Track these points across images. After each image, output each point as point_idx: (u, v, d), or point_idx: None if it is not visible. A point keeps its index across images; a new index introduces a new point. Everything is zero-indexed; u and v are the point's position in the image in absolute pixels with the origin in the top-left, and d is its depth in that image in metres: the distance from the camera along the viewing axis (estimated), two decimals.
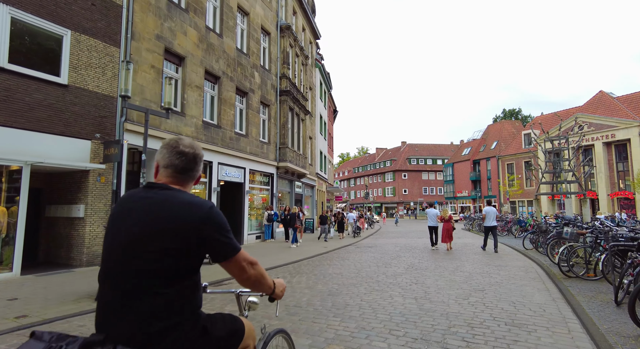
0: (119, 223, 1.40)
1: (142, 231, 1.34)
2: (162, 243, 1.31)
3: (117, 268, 1.33)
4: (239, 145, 15.46)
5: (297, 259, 11.12)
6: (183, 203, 1.39)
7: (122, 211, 1.43)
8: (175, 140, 1.54)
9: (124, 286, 1.30)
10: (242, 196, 15.68)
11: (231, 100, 15.11)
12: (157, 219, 1.35)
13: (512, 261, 10.42)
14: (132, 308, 1.27)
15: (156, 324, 1.27)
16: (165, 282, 1.30)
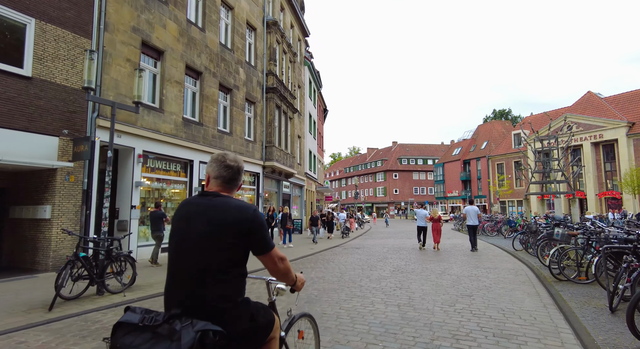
0: (184, 224, 1.76)
1: (205, 230, 1.69)
2: (221, 239, 1.68)
3: (187, 260, 1.68)
4: (222, 143, 14.94)
5: (294, 258, 10.66)
6: (234, 207, 1.75)
7: (185, 214, 1.79)
8: (222, 155, 1.90)
9: (194, 274, 1.66)
10: None
11: (214, 96, 14.58)
12: (215, 220, 1.70)
13: (502, 263, 10.10)
14: (200, 291, 1.64)
15: (218, 304, 1.65)
16: (224, 271, 1.68)
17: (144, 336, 1.50)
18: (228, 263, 1.71)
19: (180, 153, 12.71)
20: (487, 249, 13.72)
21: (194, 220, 1.74)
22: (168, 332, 1.49)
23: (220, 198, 1.79)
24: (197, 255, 1.69)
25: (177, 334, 1.46)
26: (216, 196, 1.80)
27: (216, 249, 1.69)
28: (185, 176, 13.24)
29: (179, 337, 1.45)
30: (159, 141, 11.71)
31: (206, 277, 1.67)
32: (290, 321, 2.40)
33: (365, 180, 78.55)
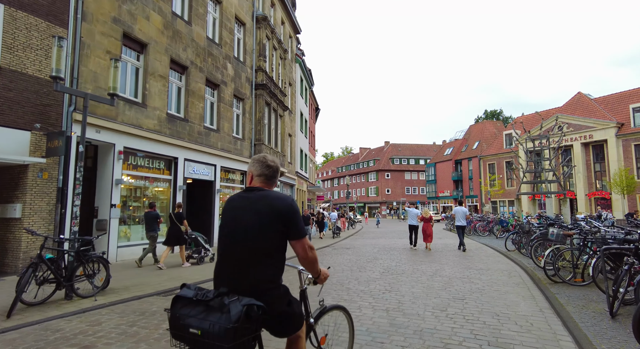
0: (233, 216, 2.05)
1: (253, 220, 1.97)
2: (267, 226, 1.96)
3: (237, 246, 1.98)
4: (208, 140, 14.49)
5: None
6: (275, 198, 2.04)
7: (234, 207, 2.08)
8: (263, 157, 2.20)
9: (241, 258, 1.96)
10: (212, 196, 14.72)
11: (200, 92, 14.13)
12: (262, 211, 1.98)
13: (495, 263, 9.85)
14: (245, 273, 1.94)
15: (261, 285, 1.93)
16: (267, 255, 1.97)
17: (198, 308, 1.75)
18: (271, 249, 1.96)
19: (164, 150, 12.24)
20: (479, 249, 13.49)
21: (243, 212, 2.01)
22: (219, 305, 1.73)
23: (263, 192, 2.07)
24: (245, 241, 1.95)
25: (227, 308, 1.69)
26: (260, 191, 2.08)
27: (262, 236, 1.94)
28: (170, 174, 12.77)
29: (228, 310, 1.68)
30: (141, 137, 11.24)
31: (251, 261, 1.93)
32: (322, 311, 2.56)
33: (357, 179, 78.34)
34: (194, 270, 9.07)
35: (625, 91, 35.24)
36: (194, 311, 1.76)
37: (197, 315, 1.74)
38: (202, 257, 10.41)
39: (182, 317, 1.76)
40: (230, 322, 1.65)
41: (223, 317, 1.68)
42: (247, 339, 1.76)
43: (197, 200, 14.70)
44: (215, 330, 1.66)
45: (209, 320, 1.69)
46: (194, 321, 1.72)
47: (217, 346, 1.66)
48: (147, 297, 6.30)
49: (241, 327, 1.68)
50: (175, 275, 8.31)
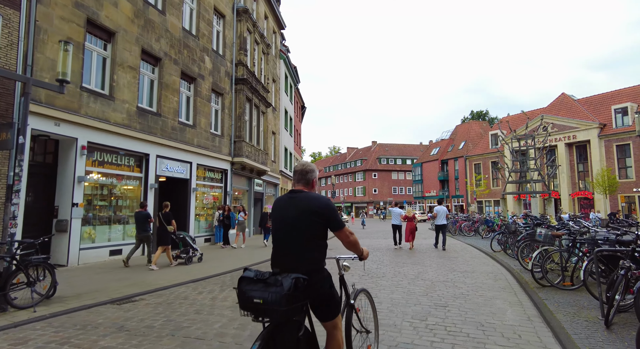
0: (283, 213, 2.52)
1: (299, 214, 2.44)
2: (310, 219, 2.42)
3: (288, 235, 2.46)
4: (183, 136, 13.77)
5: (241, 266, 9.66)
6: (315, 198, 2.50)
7: (282, 206, 2.56)
8: (302, 164, 2.69)
9: (291, 245, 2.44)
10: (187, 194, 14.00)
11: (175, 85, 13.41)
12: (306, 207, 2.44)
13: (480, 265, 9.44)
14: (295, 257, 2.41)
15: (307, 267, 2.36)
16: (311, 242, 2.43)
17: (258, 285, 2.19)
18: (314, 237, 2.43)
19: (134, 146, 11.51)
20: (464, 250, 13.12)
21: (291, 209, 2.47)
22: (274, 281, 2.17)
23: (304, 193, 2.54)
24: (294, 231, 2.43)
25: (280, 282, 2.15)
26: (302, 193, 2.55)
27: (306, 227, 2.41)
28: (140, 172, 12.03)
29: (281, 283, 2.14)
30: (108, 132, 10.49)
31: (299, 247, 2.42)
32: (356, 294, 3.11)
33: (344, 179, 78.02)
34: (169, 271, 8.40)
35: (607, 92, 35.65)
36: (255, 287, 2.17)
37: (258, 290, 2.14)
38: (190, 257, 10.11)
39: (247, 291, 2.17)
40: (283, 290, 2.09)
41: (278, 289, 2.11)
42: (297, 307, 2.19)
43: (171, 199, 13.89)
44: (272, 298, 2.09)
45: (268, 291, 2.11)
46: (256, 293, 2.13)
47: (275, 310, 2.09)
48: (98, 306, 5.64)
49: (292, 295, 2.11)
50: (139, 280, 7.64)
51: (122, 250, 11.03)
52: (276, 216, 2.58)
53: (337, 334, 2.49)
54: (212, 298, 6.15)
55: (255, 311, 2.17)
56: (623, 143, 30.93)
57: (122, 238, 11.30)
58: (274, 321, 2.18)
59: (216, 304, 5.67)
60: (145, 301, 6.00)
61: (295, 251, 2.42)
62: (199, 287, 7.10)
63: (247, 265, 9.89)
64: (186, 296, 6.28)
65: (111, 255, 10.69)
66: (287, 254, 2.46)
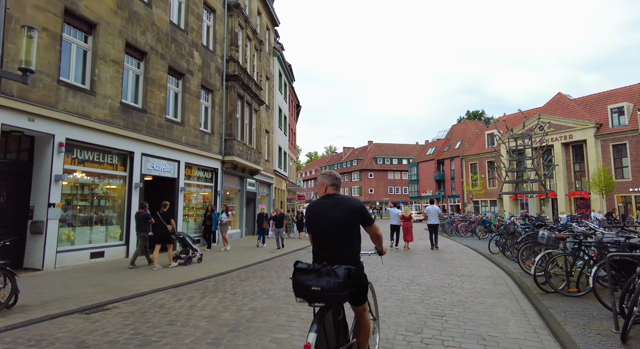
0: (328, 213, 2.84)
1: (345, 214, 2.80)
2: (352, 217, 2.81)
3: (328, 234, 2.80)
4: (171, 134, 13.26)
5: (228, 269, 9.19)
6: (352, 200, 2.92)
7: (322, 209, 2.90)
8: (331, 172, 3.11)
9: (334, 242, 2.77)
10: (175, 194, 13.48)
11: (162, 80, 12.88)
12: (340, 209, 2.83)
13: (478, 268, 9.02)
14: (338, 251, 2.75)
15: (348, 260, 2.70)
16: (349, 239, 2.80)
17: (311, 275, 2.53)
18: (351, 234, 2.84)
19: (118, 144, 10.99)
20: (461, 252, 12.72)
21: (331, 211, 2.85)
22: (326, 272, 2.52)
23: (337, 197, 2.96)
24: (340, 228, 2.80)
25: (333, 271, 2.49)
26: (335, 196, 2.96)
27: (346, 226, 2.81)
28: (124, 171, 11.51)
29: (335, 273, 2.48)
30: (89, 128, 9.97)
31: (340, 243, 2.79)
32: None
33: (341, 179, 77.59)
34: (153, 274, 7.90)
35: (603, 92, 35.50)
36: (309, 277, 2.53)
37: (312, 279, 2.51)
38: (190, 258, 10.06)
39: (303, 281, 2.53)
40: (339, 279, 2.47)
41: (332, 278, 2.48)
42: (348, 293, 2.55)
43: (157, 199, 13.38)
44: (330, 286, 2.46)
45: (325, 280, 2.48)
46: (313, 282, 2.49)
47: (333, 295, 2.47)
48: (63, 316, 5.15)
49: (346, 282, 2.48)
50: (117, 285, 7.15)
51: (104, 253, 10.52)
52: (317, 218, 2.90)
53: (366, 316, 2.95)
54: (190, 306, 5.67)
55: (311, 298, 2.53)
56: (619, 143, 30.75)
57: (104, 240, 10.78)
58: (329, 305, 2.57)
59: (193, 314, 5.19)
60: (118, 309, 5.52)
61: (340, 245, 2.79)
62: (179, 293, 6.62)
63: (236, 268, 9.41)
64: (163, 304, 5.80)
65: (93, 257, 10.16)
66: (331, 249, 2.79)
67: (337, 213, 2.81)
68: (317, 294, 2.47)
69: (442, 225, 22.35)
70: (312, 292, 2.47)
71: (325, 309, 2.54)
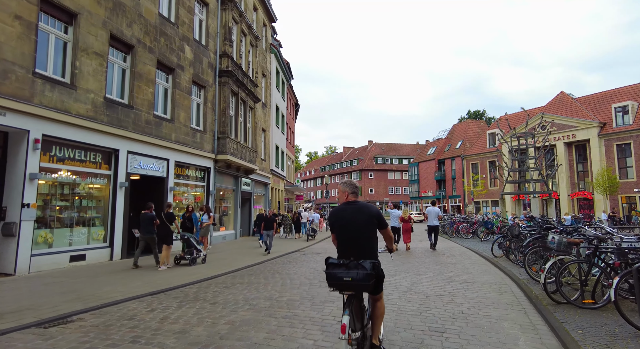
0: (351, 217, 3.34)
1: (358, 219, 3.31)
2: (371, 221, 3.32)
3: (352, 234, 3.30)
4: (159, 131, 12.69)
5: (214, 274, 8.63)
6: (371, 206, 3.44)
7: (346, 213, 3.39)
8: (351, 181, 3.63)
9: (358, 241, 3.28)
10: (164, 194, 12.92)
11: (150, 75, 12.33)
12: (361, 214, 3.34)
13: (481, 274, 8.44)
14: (361, 249, 3.25)
15: (369, 255, 3.20)
16: (370, 239, 3.31)
17: (342, 268, 3.03)
18: (372, 235, 3.36)
19: (101, 141, 10.43)
20: (463, 255, 12.14)
21: (358, 215, 3.36)
22: (354, 265, 3.02)
23: (358, 203, 3.48)
24: (362, 230, 3.33)
25: (361, 265, 2.99)
26: (356, 203, 3.48)
27: (368, 227, 3.35)
28: (109, 169, 10.95)
29: (363, 266, 2.99)
30: (69, 124, 9.41)
31: (363, 242, 3.32)
32: None
33: (340, 179, 77.11)
34: (143, 278, 7.34)
35: (607, 91, 34.88)
36: (340, 269, 3.05)
37: (341, 272, 3.01)
38: (195, 258, 10.13)
39: (335, 273, 3.04)
40: (367, 271, 2.99)
41: (361, 270, 2.99)
42: (374, 282, 3.08)
43: (145, 199, 12.84)
44: (360, 276, 2.97)
45: (354, 272, 2.98)
46: (344, 274, 2.99)
47: (362, 285, 2.98)
48: (17, 331, 4.58)
49: (372, 273, 3.00)
50: (89, 292, 6.59)
51: (85, 256, 9.96)
52: (342, 221, 3.41)
53: (382, 302, 3.47)
54: (162, 318, 5.10)
55: (342, 287, 3.03)
56: (623, 143, 30.14)
57: (86, 242, 10.23)
58: (358, 293, 3.09)
59: (162, 328, 4.63)
60: (81, 322, 4.96)
61: (363, 244, 3.30)
62: (155, 302, 6.05)
63: (223, 272, 8.85)
64: (133, 315, 5.23)
65: (73, 261, 9.60)
66: (355, 247, 3.29)
67: (359, 217, 3.35)
68: (348, 284, 2.99)
69: (443, 226, 21.81)
70: (344, 282, 2.99)
71: (354, 297, 3.08)
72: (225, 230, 17.74)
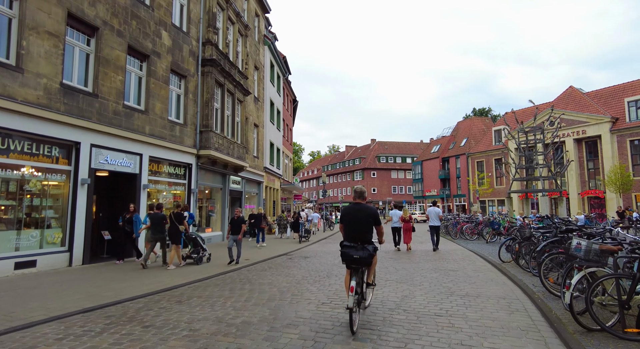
0: (356, 214, 4.76)
1: (359, 216, 4.74)
2: (365, 219, 4.73)
3: (358, 227, 4.72)
4: (130, 123, 11.52)
5: (177, 284, 7.42)
6: (370, 208, 4.84)
7: (351, 211, 4.82)
8: (361, 187, 5.12)
9: (361, 231, 4.71)
10: (136, 193, 11.74)
11: (119, 61, 11.15)
12: (362, 213, 4.78)
13: (486, 284, 7.15)
14: (363, 237, 4.69)
15: (369, 240, 4.70)
16: (365, 230, 4.73)
17: (352, 249, 4.50)
18: (370, 227, 4.69)
19: (58, 132, 9.27)
20: (466, 259, 10.84)
21: (360, 213, 4.71)
22: (361, 248, 4.51)
23: (362, 204, 4.84)
24: (362, 224, 4.67)
25: (365, 248, 4.49)
26: (362, 204, 4.85)
27: (368, 222, 4.67)
28: (68, 164, 9.78)
29: (367, 249, 4.49)
30: (13, 112, 8.26)
31: (364, 233, 4.65)
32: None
33: (343, 178, 75.73)
34: (86, 291, 6.15)
35: (619, 84, 33.27)
36: (350, 250, 4.49)
37: (354, 251, 4.45)
38: (201, 257, 10.21)
39: (348, 252, 4.49)
40: (370, 252, 4.47)
41: (365, 251, 4.44)
42: (373, 259, 4.59)
43: (115, 197, 11.73)
44: (365, 255, 4.42)
45: (361, 252, 4.43)
46: (354, 253, 4.45)
47: (366, 261, 4.46)
48: None
49: (372, 254, 4.50)
50: (2, 312, 5.40)
51: (36, 262, 8.79)
52: (350, 217, 4.80)
53: (375, 258, 4.82)
54: None
55: (352, 262, 4.52)
56: (637, 138, 28.57)
57: (38, 246, 9.05)
58: (362, 266, 4.58)
59: None
60: None
61: (363, 234, 4.70)
62: (77, 324, 4.84)
63: (183, 283, 7.63)
64: (32, 347, 4.03)
65: (18, 268, 8.43)
66: (359, 235, 4.69)
67: (359, 215, 4.78)
68: (357, 260, 4.49)
69: (446, 226, 20.48)
70: (354, 259, 4.50)
71: (359, 269, 4.55)
72: (211, 232, 16.55)
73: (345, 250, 4.54)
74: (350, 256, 4.47)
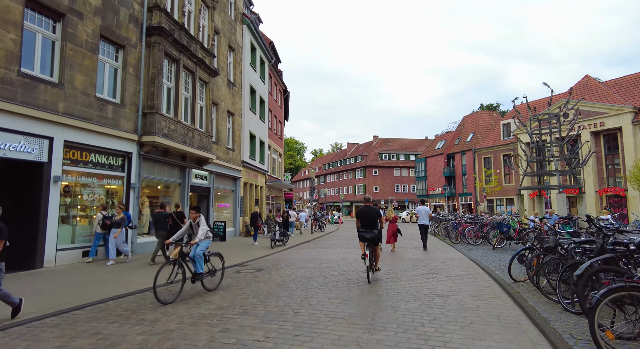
0: (367, 212, 7.97)
1: (368, 214, 7.97)
2: (372, 215, 7.96)
3: (368, 220, 7.85)
4: (33, 97, 8.98)
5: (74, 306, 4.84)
6: (375, 208, 8.15)
7: (364, 211, 8.00)
8: (369, 196, 8.44)
9: (369, 223, 7.84)
10: (41, 186, 9.20)
11: (11, 15, 8.61)
12: (372, 211, 8.02)
13: (490, 327, 4.45)
14: (372, 226, 7.83)
15: (375, 228, 7.84)
16: (376, 222, 7.92)
17: (366, 232, 7.72)
18: (376, 220, 7.88)
19: None
20: (464, 275, 8.12)
21: (365, 211, 7.96)
22: (370, 231, 7.73)
23: (371, 206, 8.10)
24: (368, 218, 7.87)
25: (373, 231, 7.82)
26: (369, 206, 8.09)
27: (372, 217, 7.87)
28: None
29: (374, 232, 7.83)
30: None
31: (372, 224, 7.78)
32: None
33: (344, 177, 72.92)
34: None
35: None
36: (365, 232, 7.70)
37: (367, 233, 7.65)
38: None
39: (364, 233, 7.70)
40: (376, 234, 7.72)
41: (374, 234, 7.67)
42: (379, 239, 7.85)
43: (11, 192, 9.18)
44: (373, 236, 7.66)
45: (371, 233, 7.64)
46: (367, 235, 7.65)
47: (374, 239, 7.68)
48: None
49: (379, 235, 7.80)
50: None
51: None
52: (363, 214, 7.84)
53: (378, 250, 8.06)
54: None
55: (366, 240, 7.57)
56: None
57: None
58: (372, 243, 7.63)
59: None
60: None
61: (372, 225, 7.66)
62: None
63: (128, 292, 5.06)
64: None
65: None
66: (369, 224, 7.67)
67: (370, 212, 7.83)
68: (369, 239, 7.53)
69: (446, 228, 17.75)
70: (367, 238, 7.54)
71: (370, 245, 7.58)
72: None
73: (362, 233, 7.66)
74: (364, 237, 7.59)
